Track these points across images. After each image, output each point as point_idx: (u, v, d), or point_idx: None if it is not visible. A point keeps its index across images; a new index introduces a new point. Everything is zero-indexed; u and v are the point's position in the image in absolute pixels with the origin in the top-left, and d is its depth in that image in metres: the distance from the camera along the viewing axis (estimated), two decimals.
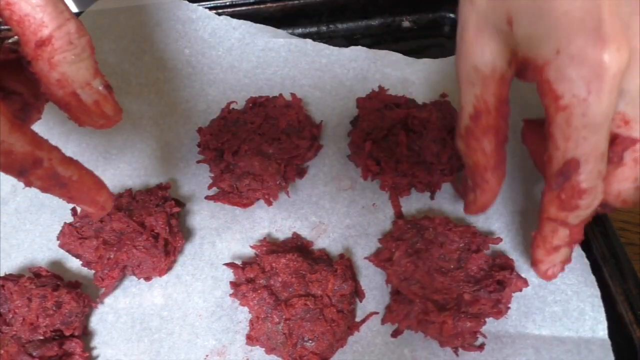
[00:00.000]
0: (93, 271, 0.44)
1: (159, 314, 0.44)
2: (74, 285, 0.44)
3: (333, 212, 0.48)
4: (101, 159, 0.52)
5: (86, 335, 0.43)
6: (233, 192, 0.48)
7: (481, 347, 0.40)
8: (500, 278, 0.40)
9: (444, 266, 0.42)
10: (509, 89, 0.36)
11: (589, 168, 0.32)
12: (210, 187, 0.49)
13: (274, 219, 0.48)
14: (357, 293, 0.44)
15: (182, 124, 0.55)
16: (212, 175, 0.49)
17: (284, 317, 0.40)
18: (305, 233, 0.47)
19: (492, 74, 0.35)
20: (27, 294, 0.41)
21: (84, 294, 0.43)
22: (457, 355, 0.40)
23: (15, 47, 0.32)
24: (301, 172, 0.50)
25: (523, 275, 0.42)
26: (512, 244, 0.45)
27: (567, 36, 0.30)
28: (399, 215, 0.48)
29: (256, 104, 0.53)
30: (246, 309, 0.43)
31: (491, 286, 0.40)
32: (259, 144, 0.49)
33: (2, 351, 0.40)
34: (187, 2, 0.59)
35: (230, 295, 0.43)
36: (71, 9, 0.31)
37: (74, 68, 0.31)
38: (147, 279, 0.45)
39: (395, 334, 0.42)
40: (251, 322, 0.42)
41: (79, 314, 0.42)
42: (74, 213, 0.47)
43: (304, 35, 0.61)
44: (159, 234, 0.44)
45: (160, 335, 0.43)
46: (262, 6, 0.61)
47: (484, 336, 0.41)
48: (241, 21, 0.59)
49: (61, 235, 0.45)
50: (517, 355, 0.40)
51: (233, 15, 0.60)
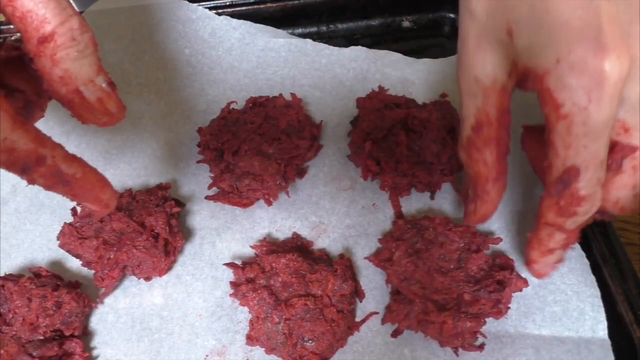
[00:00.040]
0: (93, 271, 0.44)
1: (159, 314, 0.44)
2: (74, 285, 0.44)
3: (333, 212, 0.48)
4: (101, 159, 0.52)
5: (86, 335, 0.43)
6: (233, 192, 0.48)
7: (481, 347, 0.40)
8: (500, 278, 0.40)
9: (444, 266, 0.42)
10: (510, 99, 0.36)
11: (588, 176, 0.32)
12: (210, 187, 0.49)
13: (274, 219, 0.48)
14: (357, 293, 0.44)
15: (182, 124, 0.55)
16: (212, 175, 0.49)
17: (284, 317, 0.40)
18: (305, 233, 0.47)
19: (493, 85, 0.35)
20: (27, 294, 0.41)
21: (84, 294, 0.43)
22: (457, 355, 0.40)
23: (17, 44, 0.31)
24: (301, 172, 0.50)
25: (523, 276, 0.42)
26: (512, 244, 0.45)
27: (567, 45, 0.30)
28: (399, 215, 0.48)
29: (256, 104, 0.53)
30: (246, 309, 0.43)
31: (491, 286, 0.40)
32: (259, 144, 0.49)
33: (2, 351, 0.40)
34: (187, 2, 0.59)
35: (230, 295, 0.43)
36: None
37: (77, 65, 0.30)
38: (147, 279, 0.45)
39: (395, 334, 0.42)
40: (251, 322, 0.42)
41: (79, 314, 0.42)
42: (74, 213, 0.46)
43: (304, 35, 0.61)
44: (159, 234, 0.45)
45: (160, 335, 0.43)
46: (262, 6, 0.61)
47: (484, 336, 0.41)
48: (241, 21, 0.59)
49: (61, 235, 0.45)
50: (517, 355, 0.40)
51: (233, 15, 0.60)
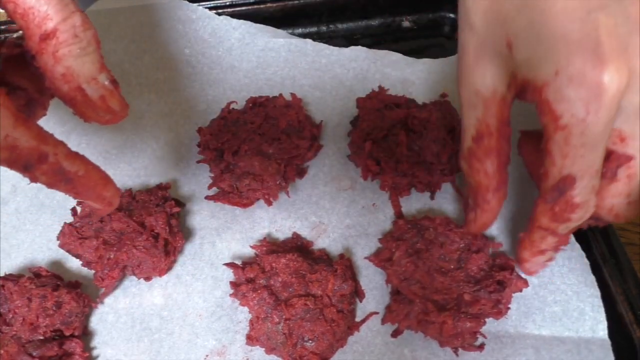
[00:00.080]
0: (93, 271, 0.44)
1: (159, 314, 0.44)
2: (74, 285, 0.44)
3: (333, 212, 0.48)
4: (101, 159, 0.52)
5: (86, 335, 0.43)
6: (233, 192, 0.48)
7: (481, 347, 0.40)
8: (500, 278, 0.40)
9: (444, 266, 0.42)
10: (509, 111, 0.37)
11: (583, 184, 0.33)
12: (210, 187, 0.49)
13: (274, 219, 0.48)
14: (357, 293, 0.44)
15: (182, 124, 0.55)
16: (212, 175, 0.49)
17: (284, 317, 0.40)
18: (305, 233, 0.47)
19: (493, 96, 0.36)
20: (27, 294, 0.41)
21: (84, 294, 0.43)
22: (457, 355, 0.40)
23: (19, 42, 0.31)
24: (301, 172, 0.50)
25: (523, 276, 0.42)
26: (513, 244, 0.45)
27: (565, 57, 0.30)
28: (399, 215, 0.48)
29: (256, 104, 0.53)
30: (246, 309, 0.43)
31: (491, 286, 0.40)
32: (259, 144, 0.49)
33: (2, 351, 0.40)
34: (187, 2, 0.59)
35: (230, 295, 0.43)
36: None
37: (79, 62, 0.30)
38: (147, 279, 0.45)
39: (395, 334, 0.42)
40: (251, 322, 0.42)
41: (79, 314, 0.42)
42: (74, 213, 0.46)
43: (304, 35, 0.61)
44: (159, 234, 0.45)
45: (160, 335, 0.43)
46: (262, 6, 0.61)
47: (484, 336, 0.41)
48: (241, 21, 0.59)
49: (61, 235, 0.45)
50: (517, 355, 0.40)
51: (233, 15, 0.60)
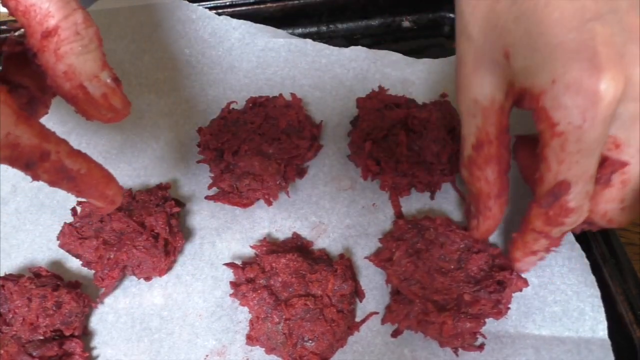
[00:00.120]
0: (93, 271, 0.44)
1: (159, 314, 0.44)
2: (74, 285, 0.44)
3: (333, 212, 0.48)
4: (101, 159, 0.52)
5: (86, 335, 0.43)
6: (233, 192, 0.48)
7: (481, 347, 0.40)
8: (500, 278, 0.40)
9: (444, 266, 0.42)
10: (508, 119, 0.37)
11: (578, 189, 0.34)
12: (210, 187, 0.49)
13: (274, 219, 0.48)
14: (357, 293, 0.44)
15: (182, 124, 0.55)
16: (212, 175, 0.49)
17: (284, 317, 0.40)
18: (305, 233, 0.47)
19: (491, 105, 0.36)
20: (27, 294, 0.41)
21: (84, 294, 0.43)
22: (457, 355, 0.40)
23: (21, 40, 0.31)
24: (301, 172, 0.50)
25: (523, 275, 0.42)
26: (507, 244, 0.45)
27: (562, 66, 0.31)
28: (399, 215, 0.48)
29: (256, 104, 0.53)
30: (246, 309, 0.43)
31: (491, 287, 0.40)
32: (259, 144, 0.49)
33: (2, 351, 0.40)
34: (187, 2, 0.59)
35: (230, 295, 0.43)
36: None
37: (81, 60, 0.30)
38: (147, 279, 0.45)
39: (395, 334, 0.42)
40: (251, 322, 0.42)
41: (79, 314, 0.42)
42: (74, 213, 0.47)
43: (304, 35, 0.61)
44: (159, 234, 0.45)
45: (160, 335, 0.43)
46: (262, 6, 0.61)
47: (484, 336, 0.40)
48: (241, 21, 0.59)
49: (61, 235, 0.45)
50: (517, 355, 0.40)
51: (233, 15, 0.60)
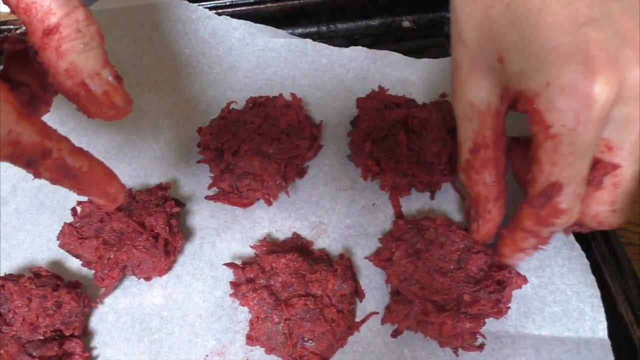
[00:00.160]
0: (93, 271, 0.44)
1: (159, 314, 0.44)
2: (74, 285, 0.44)
3: (333, 212, 0.48)
4: (101, 158, 0.51)
5: (86, 335, 0.43)
6: (233, 192, 0.48)
7: (481, 347, 0.40)
8: (500, 278, 0.40)
9: (443, 267, 0.42)
10: (504, 122, 0.38)
11: (570, 191, 0.34)
12: (210, 187, 0.49)
13: (274, 219, 0.48)
14: (357, 293, 0.44)
15: (182, 124, 0.55)
16: (212, 175, 0.49)
17: (284, 317, 0.40)
18: (305, 233, 0.47)
19: (487, 109, 0.37)
20: (27, 294, 0.41)
21: (84, 294, 0.43)
22: (457, 355, 0.40)
23: (22, 37, 0.31)
24: (301, 172, 0.50)
25: (522, 273, 0.42)
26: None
27: (557, 69, 0.31)
28: (399, 215, 0.48)
29: (256, 104, 0.53)
30: (246, 309, 0.43)
31: (491, 286, 0.40)
32: (259, 144, 0.49)
33: (2, 351, 0.40)
34: (187, 2, 0.59)
35: (230, 295, 0.43)
36: None
37: (82, 57, 0.30)
38: (147, 279, 0.45)
39: (395, 334, 0.42)
40: (251, 322, 0.42)
41: (79, 314, 0.42)
42: (74, 213, 0.47)
43: (304, 35, 0.61)
44: (159, 234, 0.45)
45: (160, 335, 0.43)
46: (262, 6, 0.61)
47: (484, 336, 0.40)
48: (241, 21, 0.59)
49: (61, 235, 0.45)
50: (517, 356, 0.40)
51: (233, 15, 0.60)
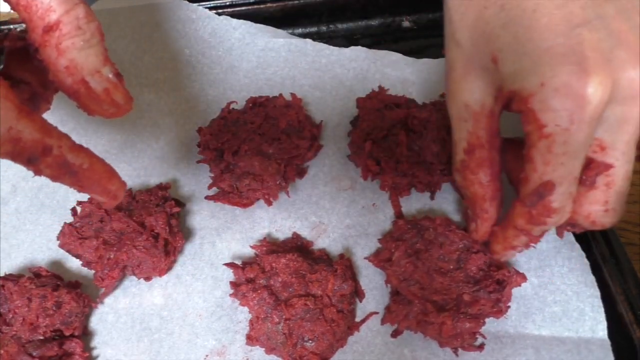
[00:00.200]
0: (93, 271, 0.44)
1: (159, 314, 0.44)
2: (74, 285, 0.44)
3: (333, 212, 0.48)
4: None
5: (86, 335, 0.43)
6: (233, 192, 0.48)
7: (481, 347, 0.40)
8: (499, 277, 0.40)
9: (443, 267, 0.42)
10: (498, 122, 0.38)
11: (562, 190, 0.34)
12: (210, 187, 0.49)
13: (274, 219, 0.48)
14: (357, 293, 0.44)
15: (182, 124, 0.55)
16: (212, 175, 0.49)
17: (284, 317, 0.40)
18: (305, 233, 0.47)
19: (482, 110, 0.37)
20: (27, 294, 0.41)
21: (84, 294, 0.43)
22: (457, 355, 0.40)
23: (23, 35, 0.31)
24: (301, 172, 0.50)
25: (521, 271, 0.42)
26: None
27: (551, 70, 0.31)
28: (399, 215, 0.48)
29: (256, 104, 0.53)
30: (246, 309, 0.43)
31: (490, 286, 0.40)
32: (259, 144, 0.49)
33: (2, 351, 0.40)
34: (187, 2, 0.59)
35: (230, 295, 0.43)
36: None
37: (83, 54, 0.30)
38: (147, 279, 0.45)
39: (395, 334, 0.42)
40: (251, 322, 0.42)
41: (79, 314, 0.42)
42: (74, 213, 0.47)
43: (304, 35, 0.61)
44: (159, 234, 0.45)
45: (160, 335, 0.43)
46: (262, 6, 0.61)
47: (484, 337, 0.40)
48: (241, 21, 0.59)
49: (61, 235, 0.45)
50: (517, 356, 0.40)
51: (233, 15, 0.60)
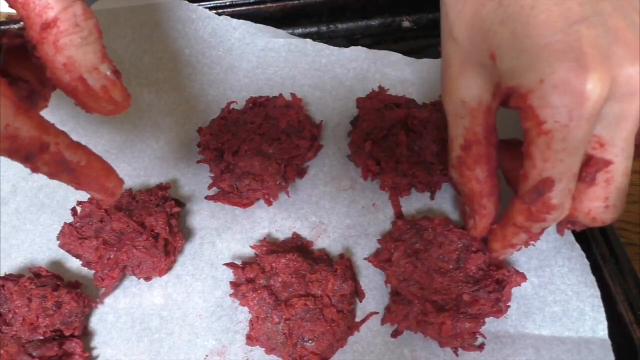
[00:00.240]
0: (93, 271, 0.44)
1: (159, 314, 0.44)
2: (74, 285, 0.44)
3: (333, 212, 0.48)
4: None
5: (86, 335, 0.43)
6: (233, 192, 0.48)
7: (481, 347, 0.40)
8: (499, 277, 0.40)
9: (442, 266, 0.42)
10: (495, 118, 0.38)
11: (561, 186, 0.34)
12: (210, 187, 0.49)
13: (274, 219, 0.48)
14: (357, 293, 0.44)
15: (182, 124, 0.55)
16: (212, 175, 0.49)
17: (284, 317, 0.40)
18: (305, 233, 0.47)
19: (479, 106, 0.37)
20: (27, 294, 0.41)
21: (84, 294, 0.43)
22: (457, 355, 0.40)
23: (20, 32, 0.31)
24: (301, 172, 0.50)
25: (520, 271, 0.42)
26: None
27: (550, 66, 0.31)
28: (399, 215, 0.48)
29: (256, 104, 0.53)
30: (246, 309, 0.43)
31: (490, 286, 0.40)
32: (259, 144, 0.49)
33: (2, 351, 0.40)
34: (187, 2, 0.59)
35: (230, 295, 0.43)
36: None
37: (80, 52, 0.30)
38: (147, 279, 0.45)
39: (395, 334, 0.42)
40: (251, 322, 0.42)
41: (79, 314, 0.42)
42: (74, 213, 0.46)
43: (304, 35, 0.61)
44: (159, 234, 0.44)
45: (160, 335, 0.43)
46: (262, 6, 0.61)
47: (484, 336, 0.40)
48: (241, 21, 0.59)
49: (61, 235, 0.45)
50: (517, 355, 0.40)
51: (233, 15, 0.60)
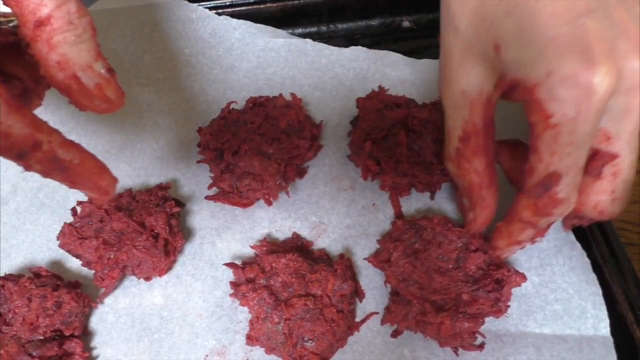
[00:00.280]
0: (93, 271, 0.44)
1: (159, 314, 0.44)
2: (74, 285, 0.44)
3: (333, 212, 0.48)
4: (101, 158, 0.52)
5: (86, 335, 0.43)
6: (233, 192, 0.48)
7: (481, 346, 0.40)
8: (498, 276, 0.40)
9: (442, 266, 0.42)
10: (494, 110, 0.38)
11: (567, 180, 0.34)
12: (210, 187, 0.49)
13: (274, 219, 0.48)
14: (357, 293, 0.44)
15: (182, 124, 0.55)
16: (212, 175, 0.49)
17: (284, 317, 0.40)
18: (305, 233, 0.47)
19: (479, 97, 0.37)
20: (27, 294, 0.41)
21: (84, 294, 0.43)
22: (457, 354, 0.40)
23: (14, 30, 0.31)
24: (301, 172, 0.50)
25: (520, 271, 0.42)
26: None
27: (557, 59, 0.31)
28: (399, 215, 0.48)
29: (256, 104, 0.53)
30: (246, 309, 0.43)
31: (489, 285, 0.40)
32: (259, 144, 0.49)
33: (2, 351, 0.40)
34: (187, 2, 0.59)
35: (230, 295, 0.43)
36: None
37: (74, 49, 0.29)
38: (147, 279, 0.45)
39: (395, 334, 0.42)
40: (251, 322, 0.42)
41: (79, 314, 0.42)
42: (74, 213, 0.46)
43: (304, 35, 0.61)
44: (159, 234, 0.44)
45: (160, 335, 0.43)
46: (262, 6, 0.61)
47: (483, 336, 0.40)
48: (241, 21, 0.59)
49: (61, 235, 0.45)
50: (518, 354, 0.40)
51: (233, 15, 0.60)
